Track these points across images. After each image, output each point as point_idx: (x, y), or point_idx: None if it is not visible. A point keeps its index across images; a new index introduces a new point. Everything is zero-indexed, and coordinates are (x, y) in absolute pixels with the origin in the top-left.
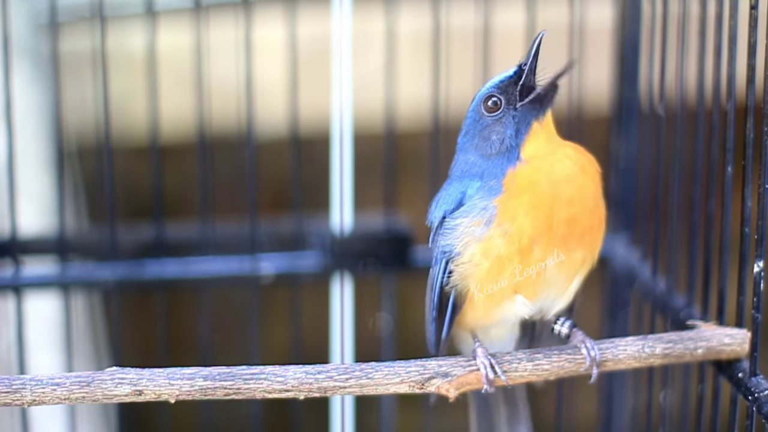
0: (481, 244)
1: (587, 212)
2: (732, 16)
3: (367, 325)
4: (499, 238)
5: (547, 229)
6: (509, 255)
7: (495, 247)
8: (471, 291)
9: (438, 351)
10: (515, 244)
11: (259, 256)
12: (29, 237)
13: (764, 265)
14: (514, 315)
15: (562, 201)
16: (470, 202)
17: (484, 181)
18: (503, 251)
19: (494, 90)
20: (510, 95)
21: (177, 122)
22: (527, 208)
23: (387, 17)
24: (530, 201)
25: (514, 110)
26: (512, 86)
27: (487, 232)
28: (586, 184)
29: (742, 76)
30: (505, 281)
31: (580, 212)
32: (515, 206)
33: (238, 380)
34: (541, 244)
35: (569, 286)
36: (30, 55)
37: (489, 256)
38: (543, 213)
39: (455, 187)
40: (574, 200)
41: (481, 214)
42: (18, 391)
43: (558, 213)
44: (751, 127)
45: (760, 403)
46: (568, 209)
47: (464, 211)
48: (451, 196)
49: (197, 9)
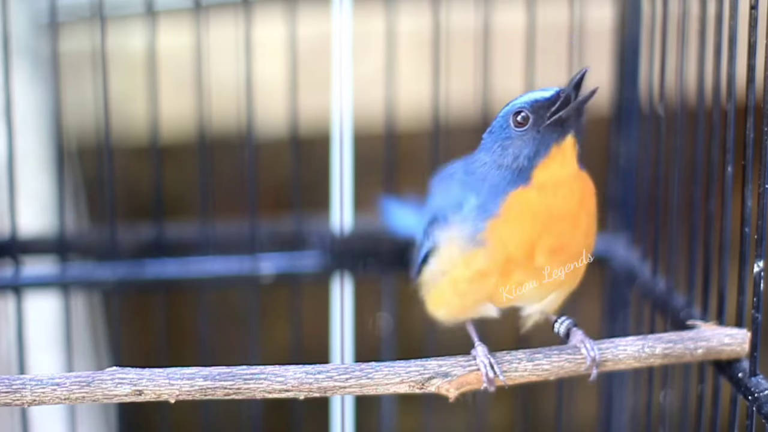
0: (465, 256)
1: (575, 243)
2: (732, 16)
3: (367, 325)
4: (482, 257)
5: (529, 256)
6: (489, 271)
7: (477, 262)
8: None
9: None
10: (497, 264)
11: (259, 256)
12: (29, 237)
13: (764, 265)
14: (484, 315)
15: (553, 232)
16: (464, 216)
17: (485, 196)
18: (484, 267)
19: (527, 107)
20: (539, 117)
21: (177, 122)
22: (514, 233)
23: (387, 17)
24: (520, 227)
25: (537, 132)
26: (545, 108)
27: (473, 248)
28: (580, 218)
29: (742, 76)
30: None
31: (568, 244)
32: (505, 232)
33: (238, 380)
34: (521, 267)
35: (544, 299)
36: (30, 55)
37: (470, 267)
38: (529, 239)
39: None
40: (565, 233)
41: (469, 233)
42: (18, 391)
43: (545, 241)
44: (751, 127)
45: (760, 403)
46: (557, 240)
47: (456, 222)
48: (453, 199)
49: (197, 9)
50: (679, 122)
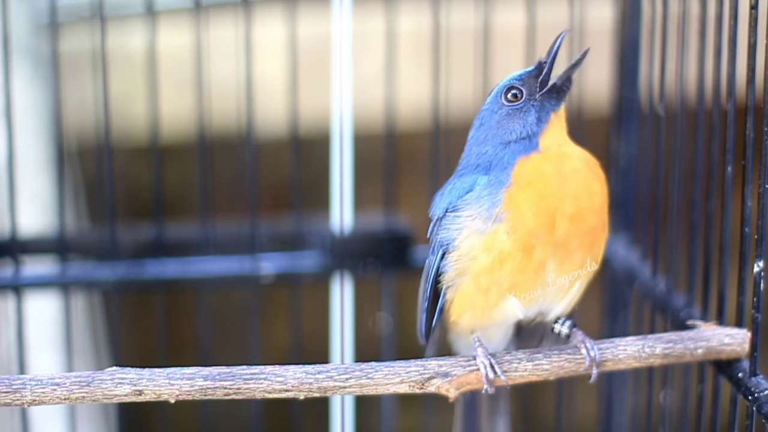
0: (484, 238)
1: (593, 210)
2: (732, 16)
3: (367, 325)
4: (503, 233)
5: (550, 224)
6: (512, 251)
7: (498, 241)
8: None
9: (428, 341)
10: (519, 240)
11: (259, 256)
12: (29, 237)
13: (764, 265)
14: (511, 317)
15: (570, 195)
16: (476, 194)
17: (493, 173)
18: (506, 247)
19: (516, 81)
20: (531, 87)
21: (177, 122)
22: (533, 200)
23: (387, 17)
24: (537, 192)
25: (535, 101)
26: (533, 79)
27: (492, 226)
28: (594, 182)
29: (742, 76)
30: (503, 279)
31: (586, 209)
32: (522, 199)
33: (238, 380)
34: (543, 242)
35: (569, 290)
36: (30, 55)
37: (491, 250)
38: (548, 205)
39: (465, 180)
40: (581, 196)
41: (487, 208)
42: (18, 391)
43: (564, 207)
44: (751, 127)
45: (760, 403)
46: (574, 204)
47: (468, 204)
48: (458, 189)
49: (197, 9)
50: (679, 122)
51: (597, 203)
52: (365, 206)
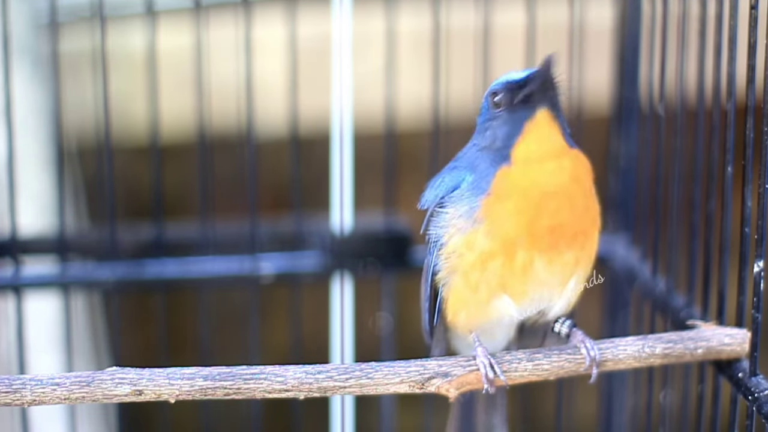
0: (467, 237)
1: (574, 220)
2: (732, 16)
3: (367, 325)
4: (481, 235)
5: (529, 234)
6: (492, 250)
7: (478, 242)
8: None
9: (432, 339)
10: (497, 241)
11: (259, 256)
12: (29, 237)
13: (764, 265)
14: (506, 315)
15: (547, 211)
16: (460, 193)
17: (477, 175)
18: (486, 247)
19: (500, 87)
20: (513, 96)
21: (177, 122)
22: (510, 213)
23: (387, 17)
24: (514, 207)
25: (509, 111)
26: (518, 88)
27: (472, 227)
28: (575, 194)
29: (742, 76)
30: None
31: (566, 221)
32: (498, 210)
33: (238, 380)
34: (525, 247)
35: (564, 287)
36: (30, 55)
37: (473, 249)
38: (526, 219)
39: (454, 175)
40: (559, 210)
41: (466, 210)
42: (18, 391)
43: (541, 221)
44: (751, 127)
45: (760, 403)
46: (552, 218)
47: (453, 202)
48: (446, 184)
49: (197, 9)
50: (679, 122)
51: (579, 216)
52: (365, 206)
